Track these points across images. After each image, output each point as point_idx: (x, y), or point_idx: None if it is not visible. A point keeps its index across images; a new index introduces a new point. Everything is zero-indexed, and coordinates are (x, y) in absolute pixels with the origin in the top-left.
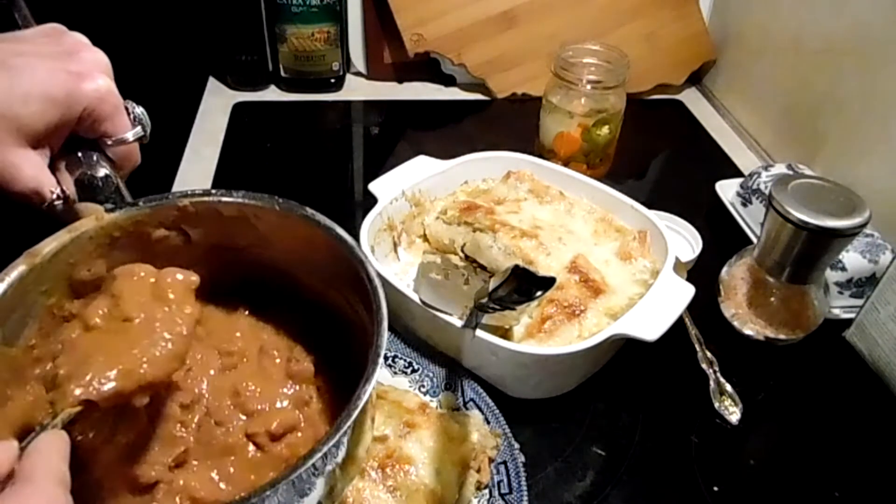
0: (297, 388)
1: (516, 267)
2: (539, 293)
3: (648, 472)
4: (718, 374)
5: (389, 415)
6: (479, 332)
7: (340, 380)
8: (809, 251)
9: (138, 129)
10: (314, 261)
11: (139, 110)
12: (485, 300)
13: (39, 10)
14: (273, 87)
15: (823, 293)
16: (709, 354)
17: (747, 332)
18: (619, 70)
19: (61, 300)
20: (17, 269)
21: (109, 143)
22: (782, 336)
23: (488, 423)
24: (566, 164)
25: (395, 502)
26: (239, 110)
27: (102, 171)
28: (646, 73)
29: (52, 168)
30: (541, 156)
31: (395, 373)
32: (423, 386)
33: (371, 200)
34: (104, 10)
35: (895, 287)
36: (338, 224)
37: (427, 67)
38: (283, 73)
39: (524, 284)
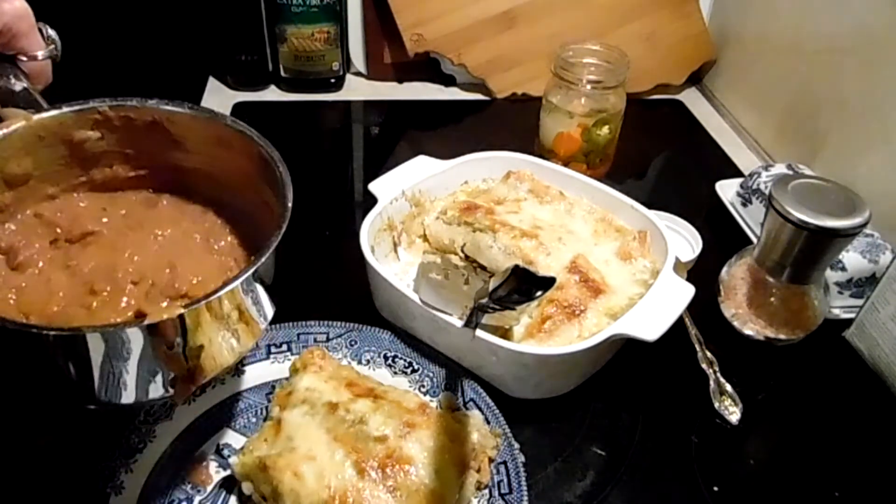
0: (221, 259)
1: (516, 267)
2: (539, 293)
3: (648, 472)
4: (718, 374)
5: (389, 415)
6: (479, 332)
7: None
8: (809, 251)
9: (52, 47)
10: (226, 159)
11: (52, 32)
12: (485, 300)
13: (40, 9)
14: (273, 87)
15: (823, 293)
16: (709, 354)
17: (747, 332)
18: (619, 70)
19: None
20: None
21: (25, 59)
22: (782, 336)
23: (488, 423)
24: (566, 164)
25: (395, 502)
26: (239, 110)
27: (20, 85)
28: (646, 73)
29: None
30: (541, 156)
31: (395, 373)
32: (423, 386)
33: (371, 200)
34: (104, 10)
35: (895, 287)
36: (339, 224)
37: (427, 67)
38: (283, 73)
39: (524, 284)
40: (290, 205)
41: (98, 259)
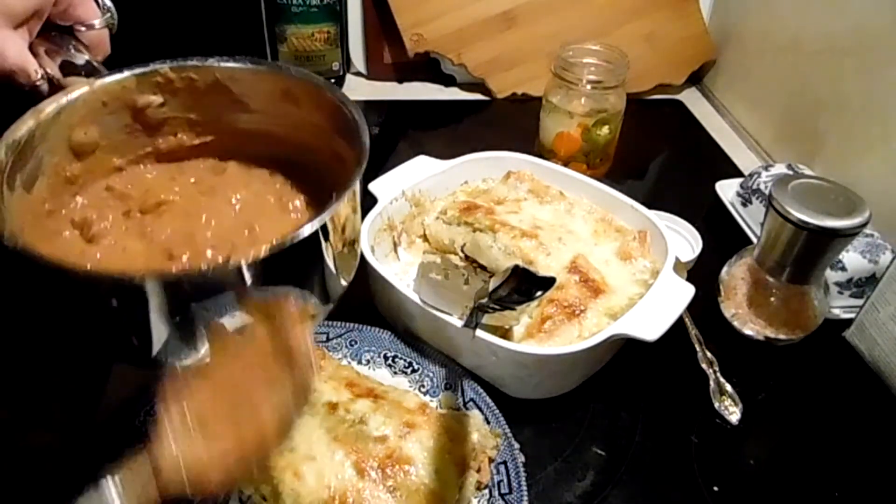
0: (297, 216)
1: (516, 267)
2: (539, 293)
3: (648, 472)
4: (718, 374)
5: (389, 415)
6: (479, 332)
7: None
8: (809, 251)
9: (108, 15)
10: (294, 115)
11: (108, 1)
12: (485, 300)
13: None
14: None
15: (823, 293)
16: (709, 354)
17: (747, 332)
18: (619, 70)
19: (62, 161)
20: (27, 123)
21: (82, 29)
22: (782, 336)
23: (488, 423)
24: (566, 164)
25: (395, 502)
26: None
27: (82, 58)
28: (646, 73)
29: (33, 53)
30: (541, 156)
31: (395, 373)
32: (423, 386)
33: (371, 200)
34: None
35: (895, 287)
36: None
37: (427, 67)
38: None
39: (524, 284)
40: (367, 145)
41: (174, 226)
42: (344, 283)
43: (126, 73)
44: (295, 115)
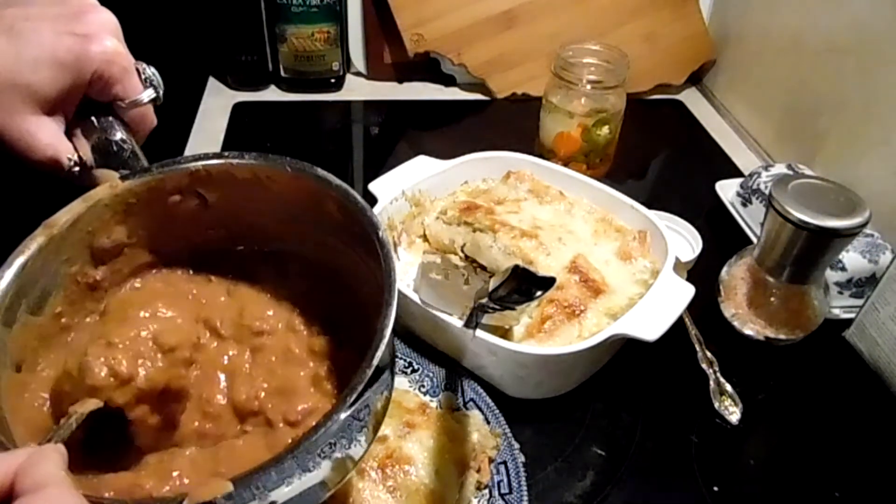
0: (317, 364)
1: (516, 267)
2: (539, 293)
3: (648, 472)
4: (718, 374)
5: (389, 415)
6: (479, 332)
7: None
8: (809, 251)
9: (150, 90)
10: (327, 223)
11: (151, 71)
12: (485, 300)
13: None
14: (273, 87)
15: (823, 293)
16: (709, 354)
17: (747, 332)
18: (619, 70)
19: (84, 267)
20: (36, 241)
21: (123, 105)
22: (782, 336)
23: (488, 423)
24: (566, 164)
25: (394, 502)
26: (239, 110)
27: (118, 136)
28: (646, 73)
29: (69, 134)
30: (541, 156)
31: (395, 373)
32: (423, 386)
33: (371, 200)
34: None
35: (895, 287)
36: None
37: (427, 67)
38: (283, 73)
39: (524, 284)
40: (391, 316)
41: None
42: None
43: (154, 172)
44: (328, 225)
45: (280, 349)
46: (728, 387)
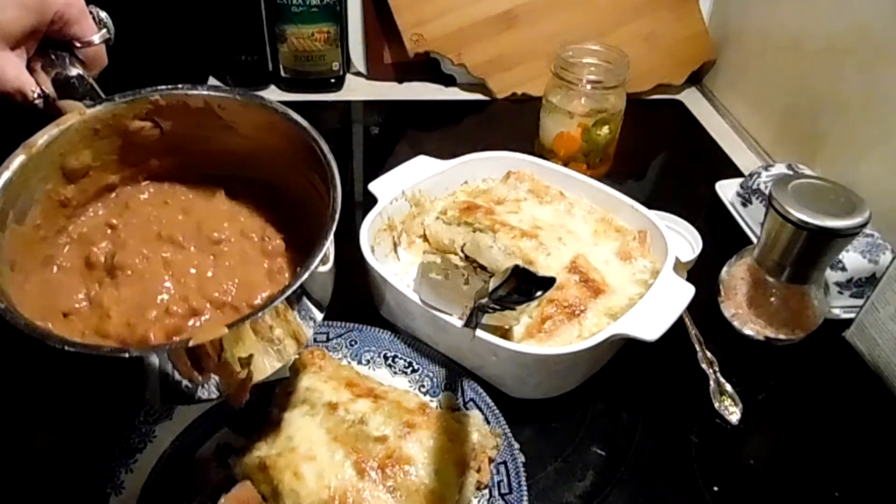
0: (271, 262)
1: (516, 267)
2: (539, 293)
3: (648, 472)
4: (718, 374)
5: (389, 415)
6: (479, 332)
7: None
8: (809, 251)
9: (104, 31)
10: (275, 145)
11: (103, 14)
12: (485, 300)
13: None
14: (273, 87)
15: (823, 293)
16: (709, 354)
17: (747, 332)
18: (619, 70)
19: (56, 186)
20: (18, 159)
21: (78, 45)
22: (782, 336)
23: (488, 423)
24: (566, 164)
25: (395, 502)
26: None
27: (75, 71)
28: (646, 73)
29: (29, 70)
30: (541, 156)
31: (395, 373)
32: (423, 386)
33: (371, 200)
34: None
35: (895, 287)
36: (339, 224)
37: (427, 67)
38: (283, 73)
39: (524, 284)
40: (337, 211)
41: (161, 275)
42: (321, 314)
43: (117, 101)
44: (277, 147)
45: (237, 253)
46: (728, 387)
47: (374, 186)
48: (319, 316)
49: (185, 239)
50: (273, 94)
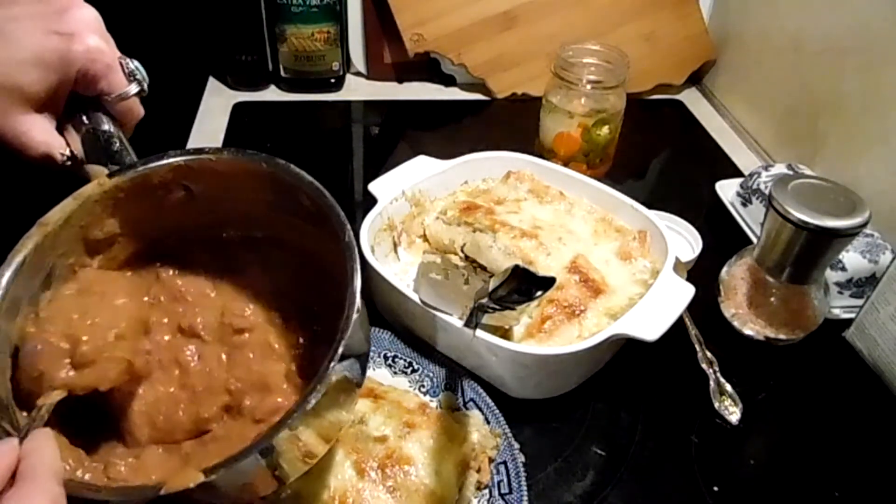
0: (289, 359)
1: (516, 267)
2: (539, 293)
3: (648, 472)
4: (718, 374)
5: (389, 415)
6: (479, 332)
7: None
8: (809, 251)
9: (134, 84)
10: (303, 213)
11: (134, 65)
12: (485, 300)
13: None
14: (273, 87)
15: (823, 293)
16: (709, 354)
17: (747, 332)
18: (619, 70)
19: (80, 258)
20: (32, 240)
21: (109, 100)
22: (782, 336)
23: (488, 423)
24: (566, 164)
25: (394, 502)
26: (239, 110)
27: (106, 128)
28: (646, 73)
29: (60, 129)
30: (541, 156)
31: (395, 373)
32: (423, 386)
33: (371, 200)
34: (104, 10)
35: (895, 287)
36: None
37: (427, 67)
38: (283, 73)
39: (524, 284)
40: (356, 304)
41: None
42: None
43: (139, 168)
44: (301, 212)
45: (259, 344)
46: (728, 387)
47: (374, 186)
48: (362, 377)
49: (206, 330)
50: (273, 94)
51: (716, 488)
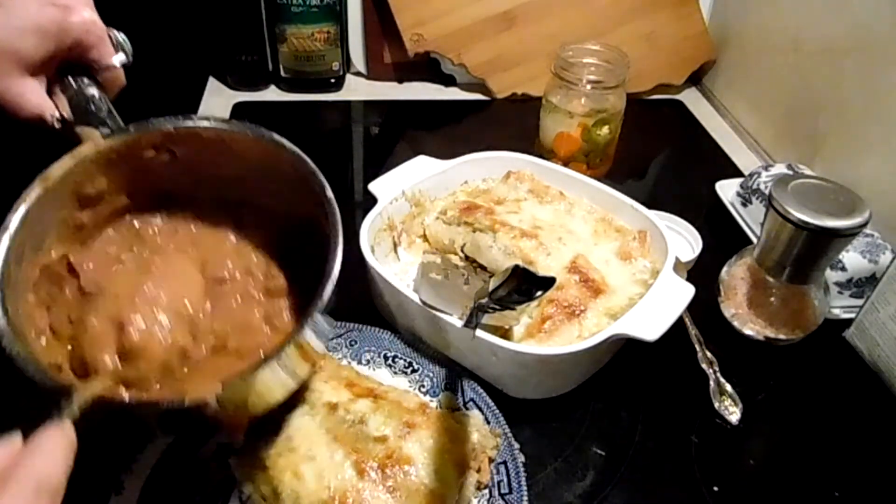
0: (271, 302)
1: (516, 267)
2: (539, 293)
3: (648, 472)
4: (718, 374)
5: (389, 415)
6: (479, 332)
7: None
8: (809, 251)
9: (121, 55)
10: (284, 178)
11: (121, 37)
12: (485, 300)
13: None
14: (273, 87)
15: (823, 293)
16: (709, 354)
17: (747, 332)
18: (619, 70)
19: (72, 212)
20: (35, 192)
21: (97, 68)
22: (782, 336)
23: (488, 423)
24: (566, 164)
25: (394, 502)
26: (239, 110)
27: (93, 94)
28: (646, 73)
29: (49, 93)
30: (541, 156)
31: (395, 373)
32: (423, 386)
33: (371, 200)
34: (103, 10)
35: (895, 287)
36: (342, 225)
37: (427, 67)
38: (283, 73)
39: (524, 284)
40: (339, 256)
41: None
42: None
43: (132, 131)
44: (286, 179)
45: (240, 291)
46: (728, 387)
47: (374, 186)
48: (331, 332)
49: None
50: (273, 94)
51: (716, 488)
